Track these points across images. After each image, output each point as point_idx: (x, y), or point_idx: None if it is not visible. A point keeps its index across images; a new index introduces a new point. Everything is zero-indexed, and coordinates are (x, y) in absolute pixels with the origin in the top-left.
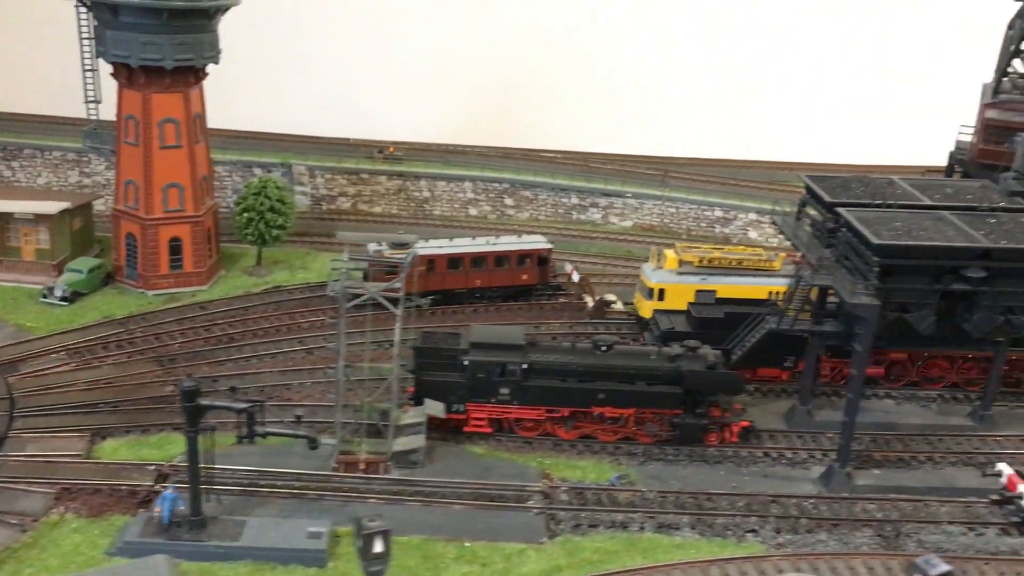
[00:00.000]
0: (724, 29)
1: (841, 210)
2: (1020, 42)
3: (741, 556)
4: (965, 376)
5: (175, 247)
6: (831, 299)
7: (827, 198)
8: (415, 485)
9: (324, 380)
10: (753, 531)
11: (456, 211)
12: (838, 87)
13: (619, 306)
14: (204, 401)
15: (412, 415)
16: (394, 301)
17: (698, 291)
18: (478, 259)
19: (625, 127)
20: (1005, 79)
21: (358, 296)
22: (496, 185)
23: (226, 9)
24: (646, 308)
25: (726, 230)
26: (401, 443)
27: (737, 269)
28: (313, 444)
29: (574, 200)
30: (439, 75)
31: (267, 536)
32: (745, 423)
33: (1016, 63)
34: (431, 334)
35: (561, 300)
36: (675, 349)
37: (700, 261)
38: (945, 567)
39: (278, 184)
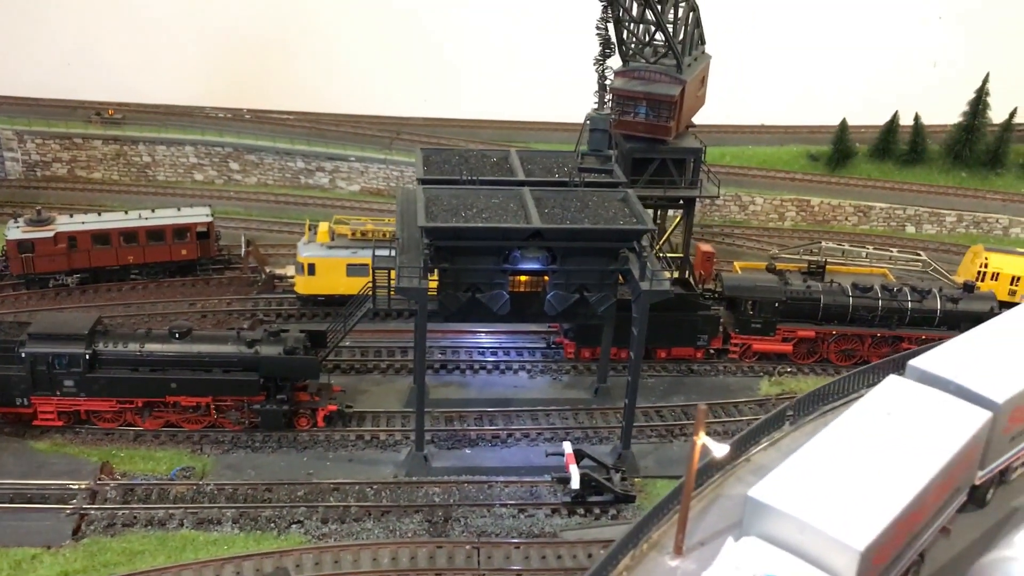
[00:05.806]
0: None
1: (420, 188)
2: (622, 8)
3: (269, 551)
4: (877, 352)
5: None
6: None
7: (421, 174)
8: None
9: None
10: (299, 523)
11: (181, 176)
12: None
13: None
14: None
15: None
16: None
17: (349, 265)
18: (128, 234)
19: (356, 86)
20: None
21: None
22: (219, 149)
23: None
24: (300, 284)
25: None
26: None
27: (392, 241)
28: None
29: (300, 164)
30: (168, 33)
31: None
32: (333, 407)
33: (636, 29)
34: None
35: (228, 274)
36: (256, 334)
37: (354, 234)
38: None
39: None
